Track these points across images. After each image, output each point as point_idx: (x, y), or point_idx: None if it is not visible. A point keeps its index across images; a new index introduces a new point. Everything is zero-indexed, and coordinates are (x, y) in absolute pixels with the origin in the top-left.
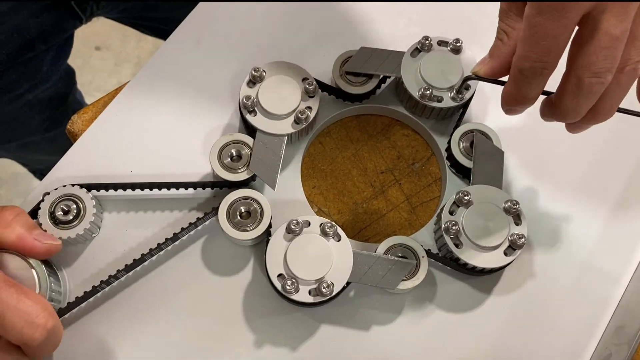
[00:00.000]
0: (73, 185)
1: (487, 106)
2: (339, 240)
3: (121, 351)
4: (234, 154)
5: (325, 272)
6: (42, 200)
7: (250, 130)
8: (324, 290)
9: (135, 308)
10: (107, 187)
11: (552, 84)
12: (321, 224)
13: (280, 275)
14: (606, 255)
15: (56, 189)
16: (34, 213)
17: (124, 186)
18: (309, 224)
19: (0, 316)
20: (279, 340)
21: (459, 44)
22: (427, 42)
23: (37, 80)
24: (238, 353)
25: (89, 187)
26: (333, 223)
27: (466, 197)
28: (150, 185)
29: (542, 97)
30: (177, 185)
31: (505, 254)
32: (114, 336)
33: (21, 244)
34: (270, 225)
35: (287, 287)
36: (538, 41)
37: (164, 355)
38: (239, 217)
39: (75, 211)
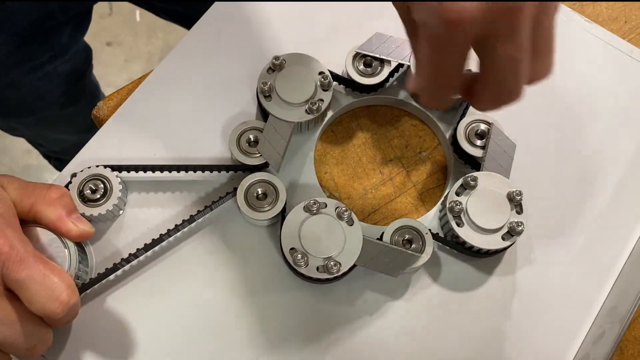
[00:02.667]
0: (97, 166)
1: None
2: (351, 225)
3: (139, 326)
4: (252, 140)
5: (335, 252)
6: (70, 181)
7: (266, 116)
8: (331, 268)
9: (155, 283)
10: (132, 168)
11: None
12: (337, 208)
13: (292, 248)
14: (603, 242)
15: (82, 170)
16: None
17: (147, 168)
18: (326, 206)
19: (26, 289)
20: (290, 314)
21: None
22: None
23: (56, 51)
24: (251, 326)
25: (114, 168)
26: (348, 208)
27: (473, 182)
28: (173, 168)
29: None
30: (198, 168)
31: (503, 238)
32: (133, 311)
33: (58, 225)
34: (285, 207)
35: (298, 261)
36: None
37: (180, 328)
38: (255, 199)
39: (102, 190)
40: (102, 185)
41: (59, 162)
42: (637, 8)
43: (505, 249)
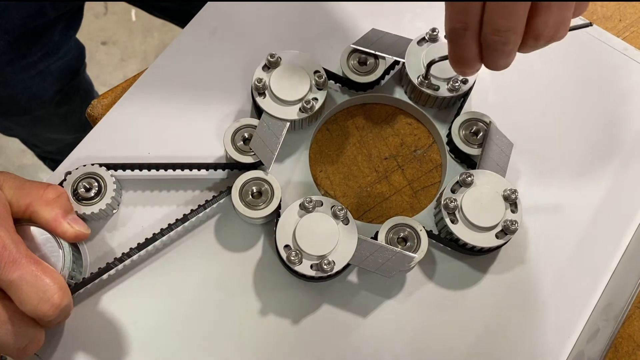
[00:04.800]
0: (92, 164)
1: (487, 96)
2: (346, 224)
3: (132, 326)
4: (247, 138)
5: (329, 250)
6: (65, 179)
7: (260, 113)
8: (325, 266)
9: (148, 283)
10: (126, 167)
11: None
12: (332, 206)
13: (287, 246)
14: (597, 240)
15: (76, 168)
16: None
17: (142, 166)
18: (322, 204)
19: (18, 290)
20: (284, 312)
21: None
22: (434, 33)
23: (49, 49)
24: (245, 324)
25: (109, 167)
26: (344, 207)
27: (469, 179)
28: (167, 166)
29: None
30: (192, 166)
31: (497, 236)
32: (127, 311)
33: (54, 225)
34: (279, 205)
35: (292, 258)
36: (454, 3)
37: (173, 328)
38: (250, 197)
39: (96, 188)
40: (96, 184)
41: (54, 163)
42: (631, 6)
43: (499, 247)
